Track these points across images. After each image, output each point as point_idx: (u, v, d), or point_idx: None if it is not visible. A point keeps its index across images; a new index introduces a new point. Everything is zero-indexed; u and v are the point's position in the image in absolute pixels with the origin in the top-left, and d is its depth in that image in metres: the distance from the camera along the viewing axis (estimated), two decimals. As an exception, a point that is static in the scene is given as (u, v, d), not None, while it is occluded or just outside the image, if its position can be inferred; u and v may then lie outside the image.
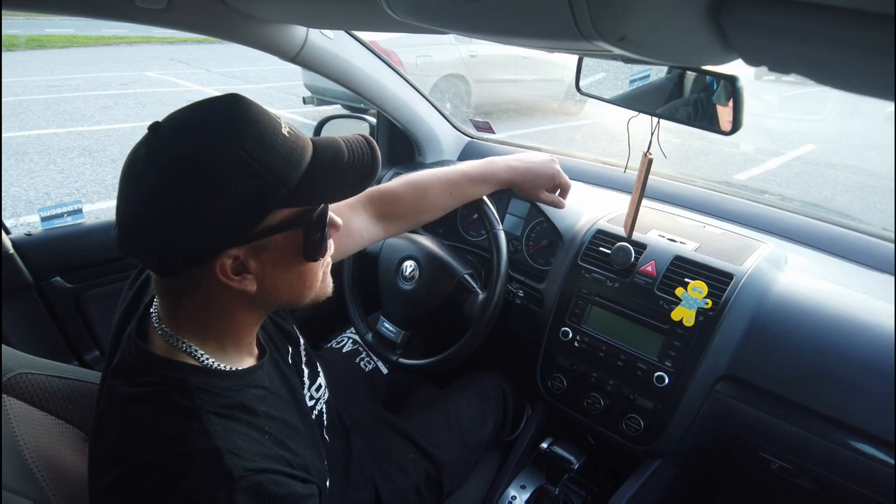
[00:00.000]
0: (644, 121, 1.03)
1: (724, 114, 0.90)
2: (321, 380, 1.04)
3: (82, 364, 1.48)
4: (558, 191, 1.30)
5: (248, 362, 0.79)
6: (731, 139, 6.23)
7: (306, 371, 0.99)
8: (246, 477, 0.62)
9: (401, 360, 1.33)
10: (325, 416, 1.00)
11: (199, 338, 0.73)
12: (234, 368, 0.75)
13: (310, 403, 0.96)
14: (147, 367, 0.70)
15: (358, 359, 1.44)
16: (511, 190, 1.27)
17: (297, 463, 0.72)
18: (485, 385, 1.40)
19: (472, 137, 1.87)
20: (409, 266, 1.33)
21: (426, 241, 1.37)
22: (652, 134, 1.01)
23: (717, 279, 1.12)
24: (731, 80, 0.88)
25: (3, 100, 7.32)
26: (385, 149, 1.87)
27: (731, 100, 0.88)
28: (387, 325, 1.36)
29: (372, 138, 0.76)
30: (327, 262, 0.82)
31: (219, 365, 0.73)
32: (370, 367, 1.43)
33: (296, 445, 0.75)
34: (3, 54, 10.43)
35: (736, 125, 0.89)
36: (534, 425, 1.39)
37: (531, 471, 1.38)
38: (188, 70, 10.26)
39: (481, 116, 1.98)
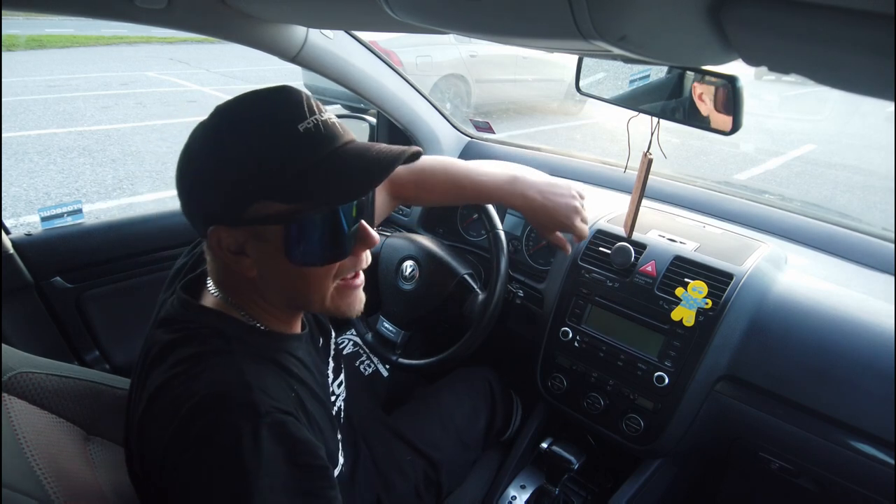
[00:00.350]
0: (644, 121, 1.03)
1: (724, 114, 0.90)
2: (343, 377, 1.05)
3: (82, 364, 1.48)
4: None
5: (293, 330, 0.83)
6: (732, 139, 6.23)
7: (332, 364, 1.00)
8: (272, 413, 0.64)
9: (401, 359, 1.33)
10: (342, 414, 1.02)
11: (242, 298, 0.77)
12: (275, 330, 0.79)
13: (331, 398, 0.97)
14: (190, 315, 0.76)
15: (358, 362, 1.44)
16: None
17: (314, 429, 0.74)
18: (472, 380, 1.40)
19: (472, 137, 1.87)
20: (409, 266, 1.33)
21: (426, 241, 1.37)
22: (652, 134, 1.01)
23: (717, 279, 1.12)
24: (731, 80, 0.88)
25: (2, 100, 7.32)
26: (385, 149, 1.86)
27: (731, 100, 0.88)
28: (387, 325, 1.36)
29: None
30: (344, 273, 0.77)
31: (262, 326, 0.77)
32: (370, 370, 1.43)
33: (317, 412, 0.77)
34: (5, 54, 10.43)
35: (736, 125, 0.89)
36: (534, 425, 1.39)
37: (531, 471, 1.38)
38: (188, 70, 10.25)
39: (481, 116, 1.98)
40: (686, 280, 1.14)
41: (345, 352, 1.46)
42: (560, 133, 7.48)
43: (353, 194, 0.70)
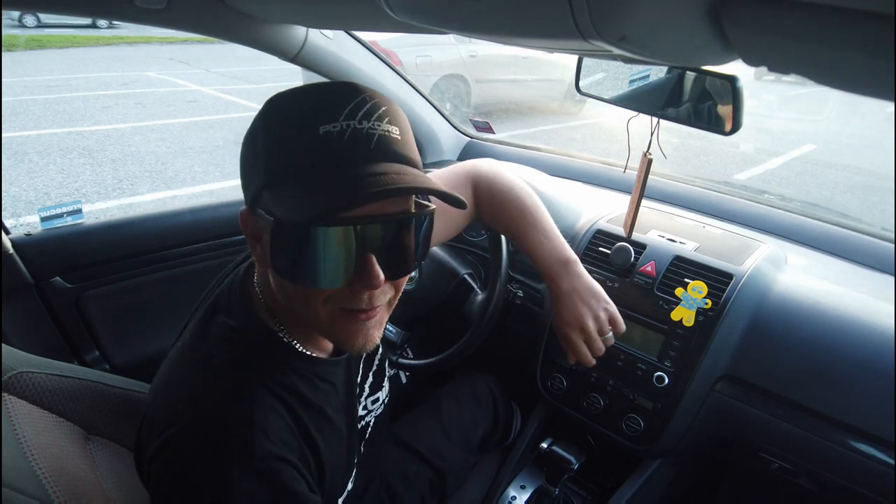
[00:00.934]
0: (644, 121, 1.03)
1: (724, 114, 0.90)
2: (381, 394, 1.01)
3: (82, 364, 1.48)
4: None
5: (324, 350, 0.80)
6: (731, 139, 6.23)
7: (370, 380, 0.97)
8: (267, 459, 0.63)
9: (401, 360, 1.33)
10: (369, 429, 0.98)
11: (278, 308, 0.75)
12: (314, 354, 0.76)
13: (360, 412, 0.94)
14: (239, 310, 0.74)
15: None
16: None
17: (318, 469, 0.72)
18: (475, 388, 1.40)
19: (471, 137, 1.87)
20: (409, 266, 1.33)
21: None
22: (652, 134, 1.01)
23: (717, 279, 1.12)
24: (731, 81, 0.88)
25: (2, 100, 7.32)
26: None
27: (731, 100, 0.88)
28: (387, 325, 1.36)
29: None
30: (341, 301, 0.68)
31: (300, 347, 0.75)
32: (391, 372, 1.41)
33: (330, 450, 0.75)
34: (5, 54, 10.43)
35: (736, 125, 0.89)
36: (533, 425, 1.39)
37: (531, 471, 1.38)
38: (188, 70, 10.27)
39: (481, 116, 1.98)
40: (686, 280, 1.14)
41: None
42: (560, 133, 7.49)
43: (313, 217, 0.59)
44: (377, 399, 0.99)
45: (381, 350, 0.99)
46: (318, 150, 0.61)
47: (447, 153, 1.81)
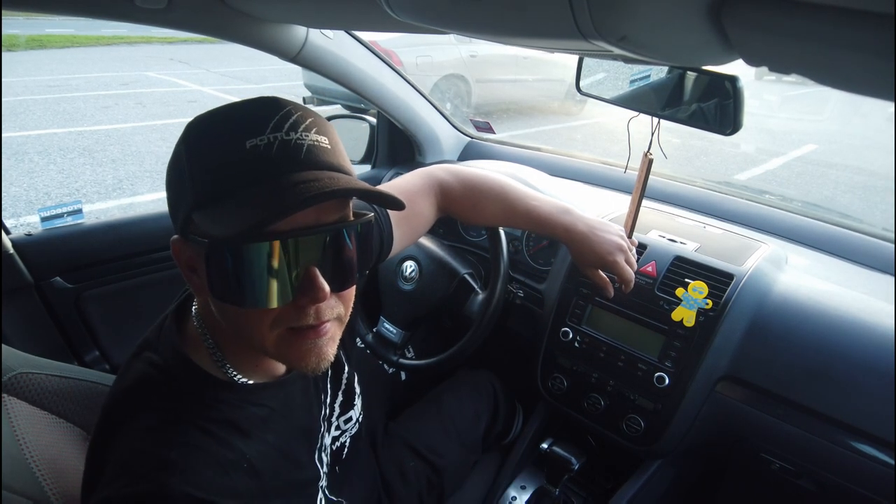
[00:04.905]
0: (645, 121, 1.03)
1: (725, 114, 0.90)
2: (354, 413, 0.99)
3: (82, 364, 1.48)
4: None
5: (268, 373, 0.76)
6: (732, 139, 6.23)
7: (340, 398, 0.95)
8: (179, 499, 0.59)
9: (401, 360, 1.33)
10: (346, 448, 0.96)
11: (216, 332, 0.72)
12: (243, 381, 0.72)
13: (333, 433, 0.93)
14: (164, 346, 0.72)
15: (377, 359, 1.40)
16: None
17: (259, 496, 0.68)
18: (476, 383, 1.40)
19: (472, 137, 1.87)
20: (409, 266, 1.33)
21: (426, 241, 1.37)
22: (652, 134, 1.00)
23: (718, 279, 1.12)
24: (732, 81, 0.88)
25: (2, 100, 7.32)
26: (385, 149, 1.87)
27: (732, 100, 0.88)
28: (387, 326, 1.36)
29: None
30: (288, 322, 0.65)
31: (233, 373, 0.72)
32: (392, 370, 1.42)
33: (275, 477, 0.72)
34: (5, 54, 10.44)
35: (736, 125, 0.89)
36: (534, 426, 1.39)
37: (531, 471, 1.38)
38: (188, 70, 10.26)
39: (482, 116, 1.98)
40: (686, 280, 1.14)
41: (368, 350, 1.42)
42: (561, 133, 7.49)
43: (246, 230, 0.56)
44: (350, 418, 0.97)
45: (347, 368, 0.97)
46: (247, 164, 0.59)
47: (447, 153, 1.81)
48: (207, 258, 0.61)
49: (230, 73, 9.97)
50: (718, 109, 0.95)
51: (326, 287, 0.63)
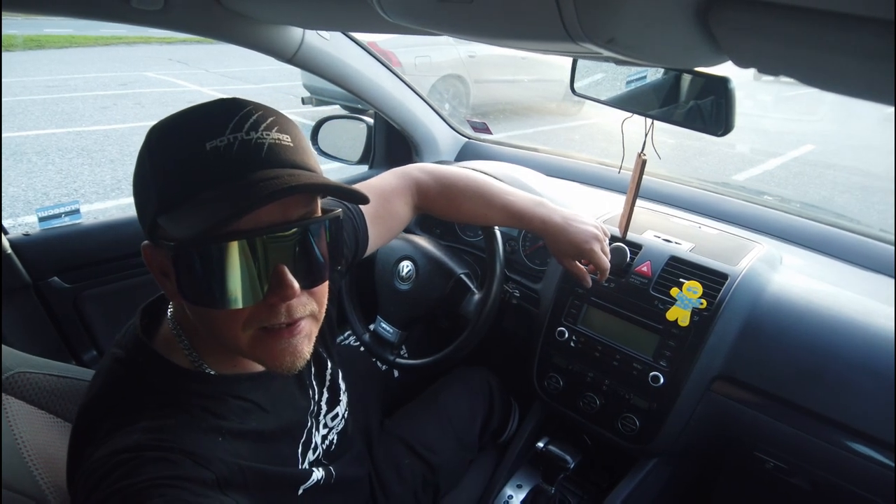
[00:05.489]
0: (640, 121, 1.04)
1: (717, 115, 0.91)
2: (340, 409, 0.99)
3: (80, 364, 1.49)
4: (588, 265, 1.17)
5: (244, 367, 0.76)
6: (727, 140, 6.23)
7: (326, 395, 0.95)
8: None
9: (398, 360, 1.33)
10: (334, 445, 0.96)
11: (189, 330, 0.72)
12: (220, 372, 0.73)
13: (322, 432, 0.93)
14: (129, 341, 0.72)
15: (373, 357, 1.42)
16: None
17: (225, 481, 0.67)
18: (472, 380, 1.40)
19: (469, 138, 1.88)
20: (405, 266, 1.33)
21: (423, 242, 1.37)
22: (646, 135, 1.01)
23: (712, 279, 1.13)
24: (723, 82, 0.89)
25: (1, 100, 7.31)
26: (382, 149, 1.87)
27: (724, 101, 0.88)
28: (384, 326, 1.36)
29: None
30: (261, 322, 0.65)
31: (205, 366, 0.72)
32: (385, 366, 1.42)
33: (253, 459, 0.72)
34: (3, 54, 10.43)
35: (728, 127, 0.90)
36: (530, 425, 1.40)
37: (527, 470, 1.38)
38: (187, 70, 10.25)
39: (479, 117, 1.99)
40: (681, 280, 1.14)
41: (362, 348, 1.43)
42: (559, 134, 7.49)
43: (209, 228, 0.56)
44: (336, 415, 0.98)
45: (330, 365, 0.98)
46: (208, 165, 0.59)
47: (444, 154, 1.81)
48: (175, 261, 0.61)
49: (229, 74, 9.96)
50: (712, 110, 0.95)
51: (296, 284, 0.63)
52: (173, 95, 8.18)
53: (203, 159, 0.59)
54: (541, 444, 1.28)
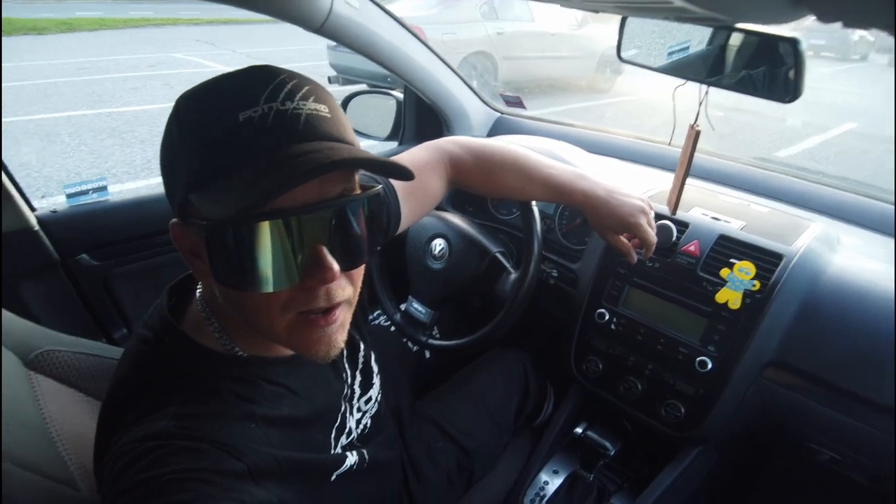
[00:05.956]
0: (686, 93, 0.97)
1: (784, 80, 0.83)
2: (373, 392, 0.96)
3: (111, 342, 1.48)
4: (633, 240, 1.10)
5: (277, 351, 0.73)
6: (778, 113, 5.93)
7: (359, 379, 0.92)
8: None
9: (430, 340, 1.30)
10: (367, 429, 0.94)
11: (218, 311, 0.69)
12: (252, 354, 0.70)
13: (356, 416, 0.90)
14: (156, 322, 0.70)
15: (404, 338, 1.38)
16: None
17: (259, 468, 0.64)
18: (506, 362, 1.36)
19: (501, 113, 1.81)
20: (438, 244, 1.29)
21: (456, 219, 1.32)
22: (700, 104, 0.94)
23: (766, 259, 1.06)
24: (793, 43, 0.81)
25: (35, 82, 7.47)
26: (412, 125, 1.82)
27: (792, 64, 0.81)
28: (416, 305, 1.32)
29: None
30: (298, 307, 0.62)
31: (235, 348, 0.69)
32: (416, 347, 1.38)
33: (286, 447, 0.69)
34: (36, 38, 10.63)
35: (797, 92, 0.82)
36: (566, 409, 1.35)
37: (564, 455, 1.34)
38: (214, 51, 10.32)
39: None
40: (732, 260, 1.08)
41: (393, 328, 1.39)
42: (590, 111, 7.32)
43: (246, 208, 0.52)
44: (370, 398, 0.95)
45: (363, 347, 0.94)
46: (242, 139, 0.55)
47: (476, 129, 1.75)
48: (208, 242, 0.57)
49: (255, 54, 9.98)
50: (774, 75, 0.88)
51: (336, 266, 0.59)
52: (201, 76, 8.15)
53: (236, 132, 0.55)
54: (579, 430, 1.24)
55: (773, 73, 0.89)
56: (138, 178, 4.65)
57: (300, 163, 0.53)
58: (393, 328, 1.36)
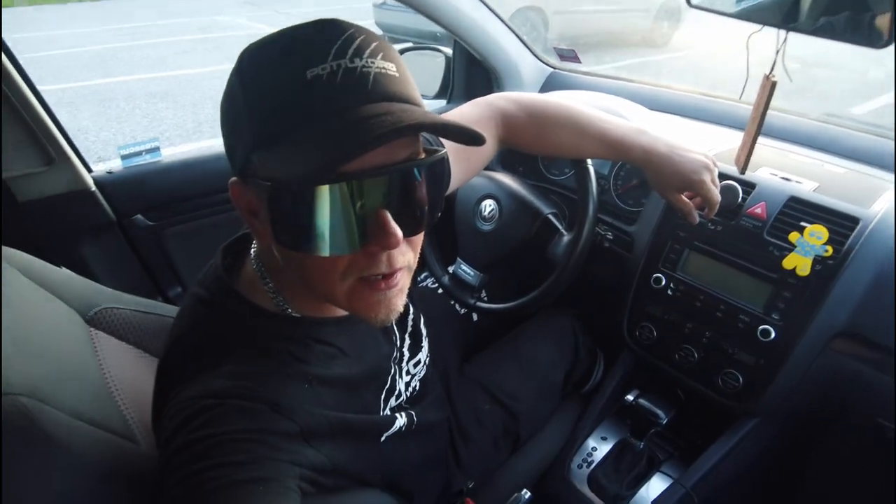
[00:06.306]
0: (758, 44, 0.89)
1: (879, 23, 0.75)
2: (422, 355, 0.96)
3: (166, 300, 1.53)
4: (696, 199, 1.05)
5: (329, 312, 0.73)
6: (859, 65, 5.40)
7: (408, 342, 0.92)
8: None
9: (479, 303, 1.28)
10: (416, 391, 0.94)
11: (273, 269, 0.69)
12: (306, 315, 0.70)
13: (405, 379, 0.90)
14: (212, 281, 0.70)
15: (452, 300, 1.36)
16: None
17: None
18: (556, 326, 1.33)
19: (554, 68, 1.73)
20: (488, 205, 1.25)
21: (506, 179, 1.28)
22: (777, 52, 0.86)
23: (840, 223, 0.98)
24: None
25: (92, 48, 7.67)
26: (462, 82, 1.77)
27: (890, 5, 0.72)
28: (464, 268, 1.30)
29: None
30: (360, 271, 0.61)
31: (289, 308, 0.69)
32: (464, 310, 1.37)
33: (338, 408, 0.70)
34: (91, 4, 10.89)
35: (893, 37, 0.73)
36: (617, 376, 1.32)
37: (612, 422, 1.32)
38: (258, 12, 10.35)
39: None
40: (802, 224, 1.01)
41: (440, 290, 1.37)
42: (646, 67, 6.99)
43: (314, 172, 0.51)
44: (419, 361, 0.94)
45: (412, 310, 0.93)
46: (310, 97, 0.53)
47: (528, 85, 1.68)
48: (270, 203, 0.55)
49: (299, 14, 9.93)
50: (858, 21, 0.79)
51: (399, 232, 0.57)
52: (249, 39, 8.27)
53: (304, 90, 0.53)
54: (630, 397, 1.20)
55: (856, 18, 0.80)
56: (189, 140, 4.75)
57: (372, 126, 0.51)
58: (441, 290, 1.35)
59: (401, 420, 0.83)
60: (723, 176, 1.09)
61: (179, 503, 0.52)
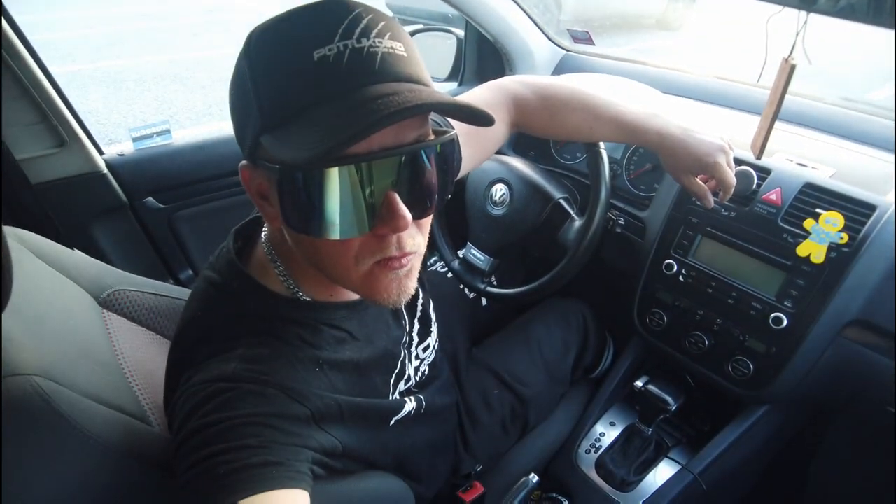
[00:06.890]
0: (777, 27, 0.86)
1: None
2: (431, 340, 0.96)
3: (177, 283, 1.53)
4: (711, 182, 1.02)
5: (342, 299, 0.74)
6: (875, 48, 5.28)
7: (417, 327, 0.92)
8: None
9: (489, 288, 1.27)
10: (425, 375, 0.94)
11: (284, 253, 0.70)
12: (316, 299, 0.71)
13: (415, 363, 0.90)
14: (223, 264, 0.71)
15: (462, 284, 1.36)
16: None
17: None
18: (565, 312, 1.32)
19: (567, 50, 1.70)
20: (499, 189, 1.24)
21: (517, 163, 1.27)
22: (797, 34, 0.84)
23: (857, 210, 0.97)
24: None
25: (101, 29, 7.65)
26: (473, 64, 1.75)
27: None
28: (474, 252, 1.30)
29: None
30: (374, 255, 0.61)
31: (299, 293, 0.70)
32: (473, 294, 1.37)
33: (349, 391, 0.71)
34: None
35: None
36: (626, 362, 1.32)
37: (621, 408, 1.32)
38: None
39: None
40: (818, 210, 0.99)
41: (450, 274, 1.37)
42: (661, 50, 6.87)
43: (323, 153, 0.50)
44: (427, 346, 0.94)
45: (422, 294, 0.93)
46: (317, 78, 0.53)
47: (540, 68, 1.66)
48: (280, 186, 0.55)
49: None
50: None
51: (408, 214, 0.57)
52: (258, 22, 8.23)
53: (311, 71, 0.53)
54: (640, 383, 1.20)
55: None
56: (199, 122, 4.75)
57: (379, 106, 0.50)
58: (451, 275, 1.35)
59: (410, 404, 0.84)
60: (738, 161, 1.07)
61: (193, 486, 0.53)
